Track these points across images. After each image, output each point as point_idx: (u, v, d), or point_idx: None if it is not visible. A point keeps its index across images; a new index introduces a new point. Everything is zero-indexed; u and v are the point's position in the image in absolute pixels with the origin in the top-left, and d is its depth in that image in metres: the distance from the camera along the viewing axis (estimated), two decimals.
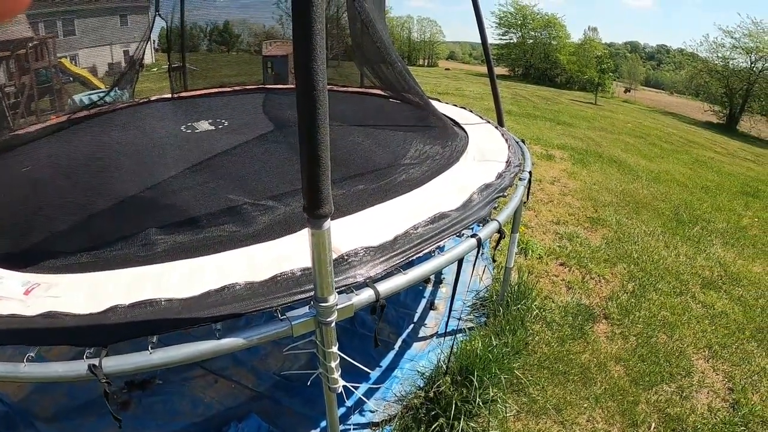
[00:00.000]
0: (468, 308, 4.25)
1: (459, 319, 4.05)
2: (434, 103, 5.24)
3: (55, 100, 10.83)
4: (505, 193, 3.14)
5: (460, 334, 3.82)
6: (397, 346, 3.76)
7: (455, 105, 5.96)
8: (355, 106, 5.92)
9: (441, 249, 2.43)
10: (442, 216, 2.53)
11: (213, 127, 5.20)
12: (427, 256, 2.34)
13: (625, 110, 28.81)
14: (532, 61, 51.91)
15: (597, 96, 33.40)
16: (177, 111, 6.64)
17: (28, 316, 1.98)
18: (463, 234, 2.53)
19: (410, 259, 2.19)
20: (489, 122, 5.00)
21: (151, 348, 1.76)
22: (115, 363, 1.72)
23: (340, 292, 1.89)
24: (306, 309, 1.83)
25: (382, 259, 2.11)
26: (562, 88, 43.84)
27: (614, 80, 45.12)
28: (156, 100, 7.43)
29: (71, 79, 12.63)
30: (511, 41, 53.67)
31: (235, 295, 1.91)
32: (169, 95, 7.72)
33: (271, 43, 11.32)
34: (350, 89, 6.78)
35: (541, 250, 5.54)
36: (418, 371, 3.41)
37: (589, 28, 60.02)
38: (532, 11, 52.62)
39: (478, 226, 2.87)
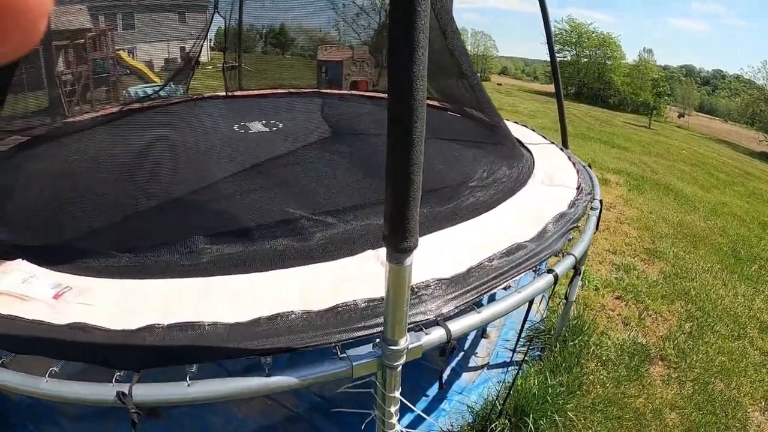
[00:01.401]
0: (522, 339, 3.96)
1: (512, 351, 3.76)
2: None
3: (111, 90, 11.02)
4: (579, 224, 2.87)
5: (513, 368, 3.54)
6: (445, 375, 3.49)
7: (515, 122, 5.65)
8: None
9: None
10: (518, 248, 2.27)
11: (267, 129, 5.04)
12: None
13: (679, 136, 28.04)
14: (586, 81, 50.95)
15: (651, 120, 32.63)
16: (230, 110, 6.52)
17: (56, 324, 1.82)
18: (539, 269, 2.27)
19: (483, 295, 1.94)
20: (552, 143, 4.71)
21: (190, 378, 1.57)
22: (146, 392, 1.56)
23: (407, 330, 1.66)
24: (369, 348, 1.60)
25: (454, 294, 1.87)
26: (614, 109, 42.94)
27: (668, 104, 44.08)
28: (209, 97, 7.32)
29: (128, 71, 12.89)
30: (565, 59, 52.72)
31: (290, 325, 1.70)
32: (223, 93, 7.63)
33: (326, 48, 11.28)
34: None
35: (597, 281, 5.22)
36: (468, 405, 3.16)
37: (644, 50, 58.57)
38: (588, 29, 51.76)
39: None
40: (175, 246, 2.35)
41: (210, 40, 9.73)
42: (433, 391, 3.32)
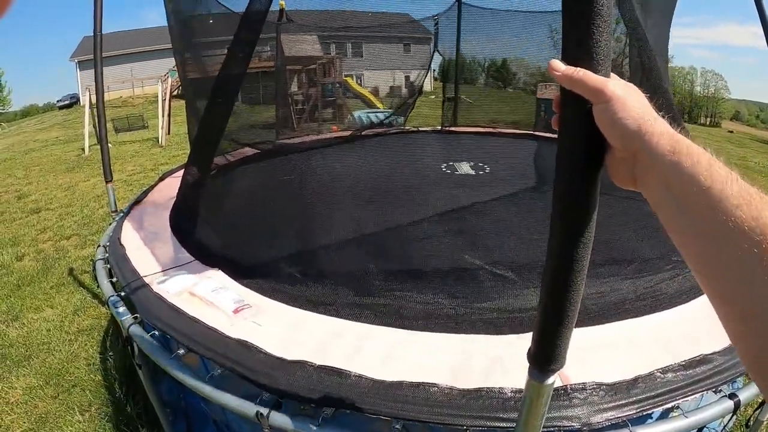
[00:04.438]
0: None
1: None
2: None
3: (336, 112, 11.98)
4: None
5: None
6: None
7: None
8: None
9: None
10: (702, 361, 1.91)
11: (473, 172, 5.04)
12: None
13: None
14: None
15: None
16: (442, 146, 6.62)
17: (227, 336, 2.03)
18: (720, 390, 1.95)
19: (643, 413, 1.72)
20: None
21: (322, 420, 1.64)
22: (280, 420, 1.67)
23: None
24: None
25: (611, 405, 1.65)
26: None
27: None
28: (425, 131, 7.54)
29: (353, 96, 13.87)
30: None
31: (428, 396, 1.66)
32: (439, 127, 7.84)
33: (546, 85, 11.07)
34: None
35: None
36: None
37: None
38: None
39: None
40: (354, 284, 2.45)
41: (434, 70, 10.14)
42: None
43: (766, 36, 4.08)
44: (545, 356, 1.08)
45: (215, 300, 2.31)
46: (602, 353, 1.97)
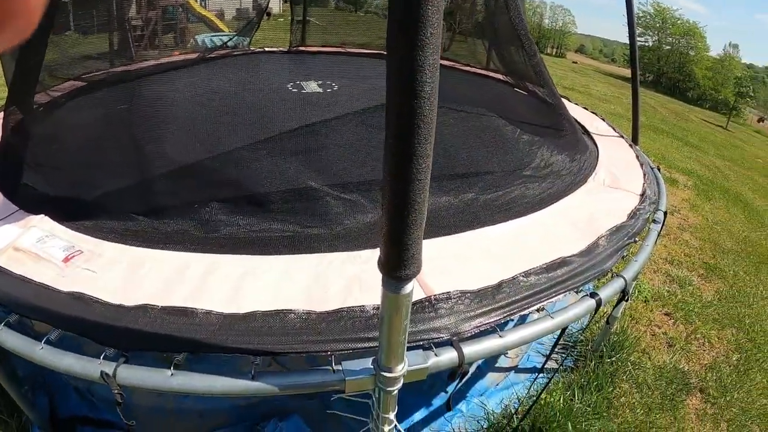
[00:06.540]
0: (560, 348, 3.66)
1: (546, 358, 3.51)
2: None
3: (179, 37, 11.09)
4: (636, 239, 2.55)
5: (542, 376, 3.30)
6: (470, 372, 3.27)
7: (585, 108, 5.18)
8: (476, 90, 4.90)
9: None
10: (562, 263, 2.00)
11: (321, 90, 4.86)
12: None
13: (757, 142, 26.11)
14: (665, 70, 47.99)
15: (729, 120, 30.74)
16: (289, 66, 6.36)
17: (59, 291, 1.76)
18: (581, 291, 2.03)
19: (511, 317, 1.73)
20: (622, 137, 4.25)
21: (174, 368, 1.48)
22: (129, 375, 1.48)
23: (414, 347, 1.49)
24: (369, 362, 1.43)
25: (478, 312, 1.66)
26: (692, 103, 40.23)
27: (750, 106, 41.37)
28: (272, 51, 7.17)
29: (196, 19, 12.94)
30: (646, 44, 49.43)
31: (285, 324, 1.55)
32: (286, 48, 7.48)
33: None
34: (473, 69, 5.74)
35: (648, 292, 4.85)
36: (486, 411, 2.97)
37: (729, 45, 54.25)
38: (673, 15, 48.64)
39: None
40: (193, 214, 2.24)
41: None
42: (451, 387, 3.12)
43: None
44: (397, 262, 0.99)
45: (42, 251, 2.00)
46: (463, 262, 1.97)
